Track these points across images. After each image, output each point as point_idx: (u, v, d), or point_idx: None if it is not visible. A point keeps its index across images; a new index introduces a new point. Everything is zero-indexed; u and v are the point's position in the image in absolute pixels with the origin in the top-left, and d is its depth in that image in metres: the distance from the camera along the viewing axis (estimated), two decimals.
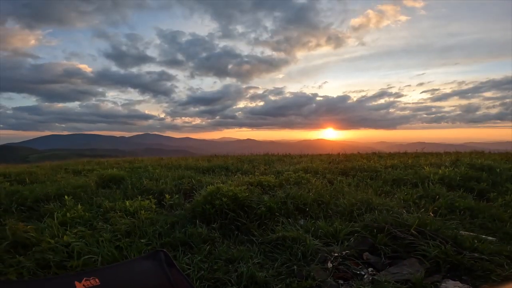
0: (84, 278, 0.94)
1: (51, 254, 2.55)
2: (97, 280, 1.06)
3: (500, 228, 3.20)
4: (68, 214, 3.55)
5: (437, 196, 4.03)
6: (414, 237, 2.56)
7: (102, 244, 2.72)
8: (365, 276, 2.39)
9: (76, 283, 0.83)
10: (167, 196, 4.36)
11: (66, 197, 4.26)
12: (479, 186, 4.59)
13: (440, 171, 5.10)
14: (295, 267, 2.51)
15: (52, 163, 9.41)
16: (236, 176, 5.81)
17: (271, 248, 2.89)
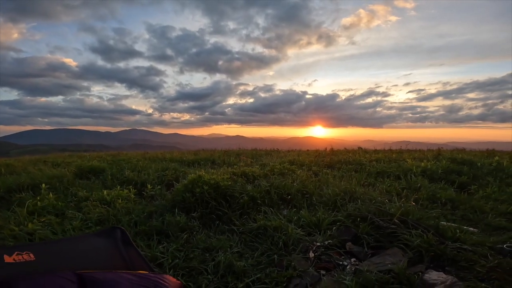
0: (16, 252, 0.87)
1: (11, 241, 2.31)
2: (31, 255, 0.91)
3: (481, 220, 3.17)
4: (39, 203, 3.30)
5: (419, 188, 3.98)
6: (397, 226, 2.47)
7: (69, 232, 2.50)
8: (348, 267, 2.28)
9: (6, 256, 0.70)
10: (148, 186, 4.14)
11: (43, 185, 3.98)
12: (460, 179, 4.58)
13: (422, 164, 5.08)
14: (275, 256, 2.37)
15: (31, 157, 8.93)
16: (222, 169, 5.65)
17: (252, 237, 2.74)
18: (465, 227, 2.77)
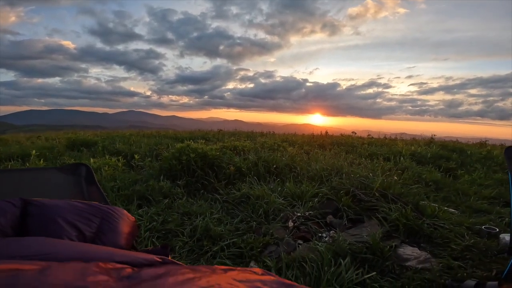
0: None
1: None
2: None
3: (463, 202, 3.13)
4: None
5: (406, 168, 3.94)
6: (378, 200, 2.42)
7: None
8: (326, 238, 2.25)
9: None
10: (135, 156, 4.05)
11: (33, 152, 3.89)
12: (448, 164, 4.53)
13: (412, 147, 5.02)
14: (254, 223, 2.33)
15: (26, 134, 8.75)
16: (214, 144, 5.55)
17: (234, 205, 2.70)
18: (445, 208, 2.74)
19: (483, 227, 2.29)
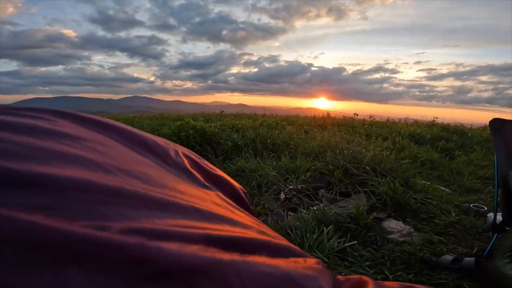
0: None
1: None
2: None
3: (457, 181, 3.13)
4: None
5: (403, 148, 3.92)
6: (368, 174, 2.44)
7: None
8: (314, 208, 2.30)
9: None
10: None
11: None
12: (447, 145, 4.49)
13: (412, 128, 4.96)
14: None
15: None
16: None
17: None
18: (436, 186, 2.74)
19: (471, 205, 2.30)
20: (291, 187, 2.53)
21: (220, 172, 0.49)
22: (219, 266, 0.22)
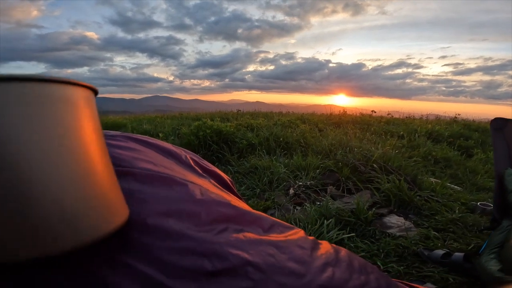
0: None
1: None
2: None
3: (470, 180, 3.09)
4: None
5: (417, 146, 3.89)
6: (375, 172, 2.52)
7: None
8: (319, 204, 2.42)
9: None
10: (160, 135, 4.41)
11: None
12: (466, 143, 4.37)
13: (429, 125, 4.87)
14: (258, 190, 2.56)
15: None
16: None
17: (243, 175, 2.94)
18: (448, 184, 2.75)
19: (478, 203, 2.30)
20: (300, 183, 2.66)
21: (213, 168, 0.68)
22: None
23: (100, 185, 0.24)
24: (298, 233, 0.46)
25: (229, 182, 0.65)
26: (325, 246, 0.43)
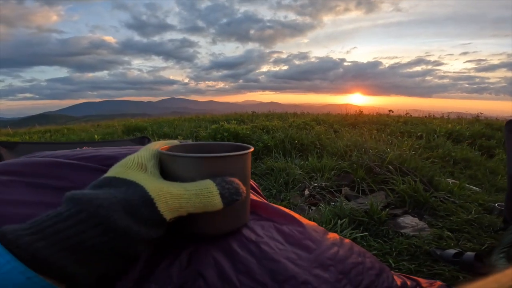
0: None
1: None
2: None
3: (489, 181, 3.04)
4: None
5: (436, 147, 3.85)
6: (391, 173, 2.55)
7: None
8: (333, 204, 2.48)
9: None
10: (179, 137, 4.63)
11: (96, 136, 4.71)
12: (488, 143, 4.26)
13: (449, 125, 4.77)
14: (274, 191, 2.66)
15: (87, 124, 10.10)
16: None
17: (260, 176, 3.05)
18: (467, 185, 2.72)
19: (496, 204, 2.28)
20: (315, 184, 2.74)
21: None
22: None
23: (248, 198, 0.42)
24: (312, 223, 0.56)
25: (254, 185, 0.76)
26: (333, 234, 0.54)
